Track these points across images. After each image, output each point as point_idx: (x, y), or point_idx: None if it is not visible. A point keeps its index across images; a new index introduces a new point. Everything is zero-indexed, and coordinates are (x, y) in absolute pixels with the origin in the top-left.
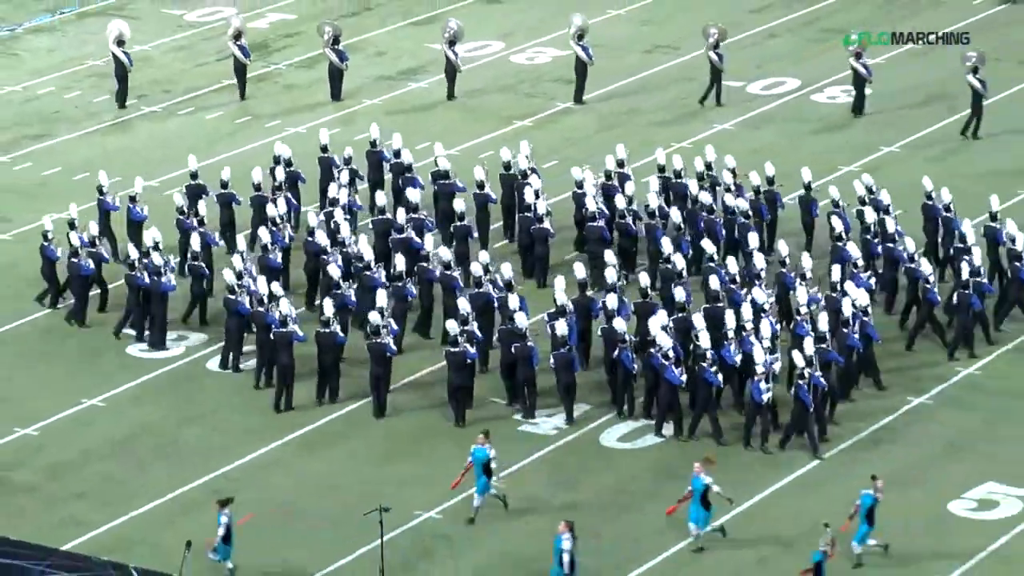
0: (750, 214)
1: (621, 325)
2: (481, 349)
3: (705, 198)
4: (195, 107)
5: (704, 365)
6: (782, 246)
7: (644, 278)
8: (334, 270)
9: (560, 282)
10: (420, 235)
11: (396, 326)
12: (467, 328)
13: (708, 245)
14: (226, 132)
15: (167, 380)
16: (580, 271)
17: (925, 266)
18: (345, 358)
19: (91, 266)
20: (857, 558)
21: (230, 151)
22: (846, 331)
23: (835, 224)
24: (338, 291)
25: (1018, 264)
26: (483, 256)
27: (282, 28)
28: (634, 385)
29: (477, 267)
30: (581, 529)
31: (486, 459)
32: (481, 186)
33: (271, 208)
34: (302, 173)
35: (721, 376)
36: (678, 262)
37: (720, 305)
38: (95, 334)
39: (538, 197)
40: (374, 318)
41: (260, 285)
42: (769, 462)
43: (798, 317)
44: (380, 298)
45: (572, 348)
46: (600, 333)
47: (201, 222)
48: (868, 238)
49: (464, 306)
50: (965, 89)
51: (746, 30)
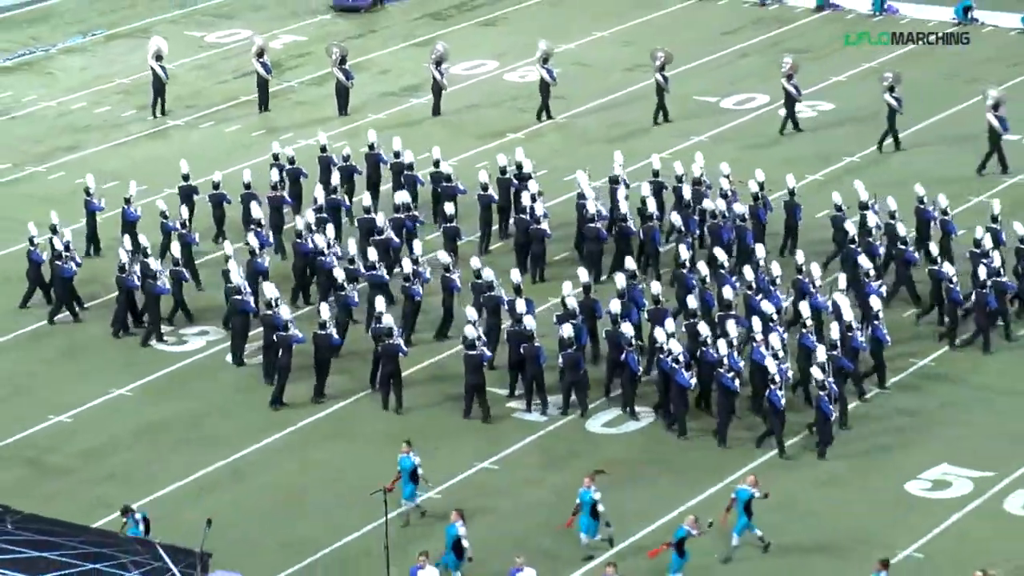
0: (746, 217)
1: (629, 329)
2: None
3: (708, 204)
4: (215, 120)
5: (722, 371)
6: (800, 255)
7: (656, 286)
8: (339, 273)
9: (568, 287)
10: (399, 235)
11: (398, 326)
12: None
13: (719, 253)
14: (243, 144)
15: (188, 372)
16: (583, 275)
17: (948, 267)
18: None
19: (73, 268)
20: (731, 550)
21: (247, 161)
22: (850, 335)
23: (848, 228)
24: (342, 292)
25: None
26: (474, 261)
27: (294, 49)
28: (638, 385)
29: (489, 272)
30: (568, 507)
31: (412, 467)
32: (485, 188)
33: (255, 209)
34: (304, 170)
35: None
36: (702, 268)
37: (732, 313)
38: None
39: (535, 200)
40: (387, 321)
41: (268, 290)
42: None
43: (804, 329)
44: (379, 304)
45: (578, 348)
46: (604, 336)
47: (184, 224)
48: (870, 240)
49: (472, 313)
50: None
51: (719, 51)
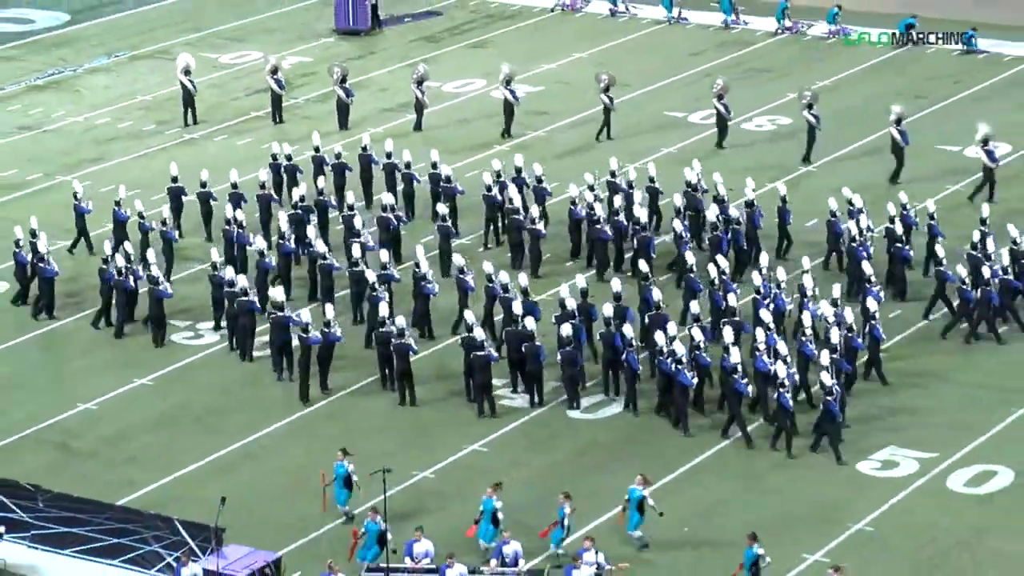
0: (741, 221)
1: (629, 331)
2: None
3: (711, 216)
4: (228, 134)
5: (736, 377)
6: (805, 261)
7: (656, 293)
8: (371, 275)
9: (565, 289)
10: (387, 233)
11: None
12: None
13: (721, 260)
14: (253, 155)
15: (205, 363)
16: (581, 281)
17: (960, 269)
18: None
19: (55, 269)
20: (638, 540)
21: (256, 170)
22: (851, 335)
23: (851, 228)
24: (374, 292)
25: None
26: (486, 266)
27: (300, 69)
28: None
29: (505, 276)
30: (550, 486)
31: (345, 474)
32: (489, 189)
33: (228, 209)
34: (299, 167)
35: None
36: (712, 271)
37: (737, 319)
38: (141, 328)
39: (543, 202)
40: (400, 322)
41: (276, 293)
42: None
43: (803, 337)
44: (383, 308)
45: (576, 347)
46: (599, 337)
47: (164, 222)
48: (863, 242)
49: (471, 316)
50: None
51: (687, 70)
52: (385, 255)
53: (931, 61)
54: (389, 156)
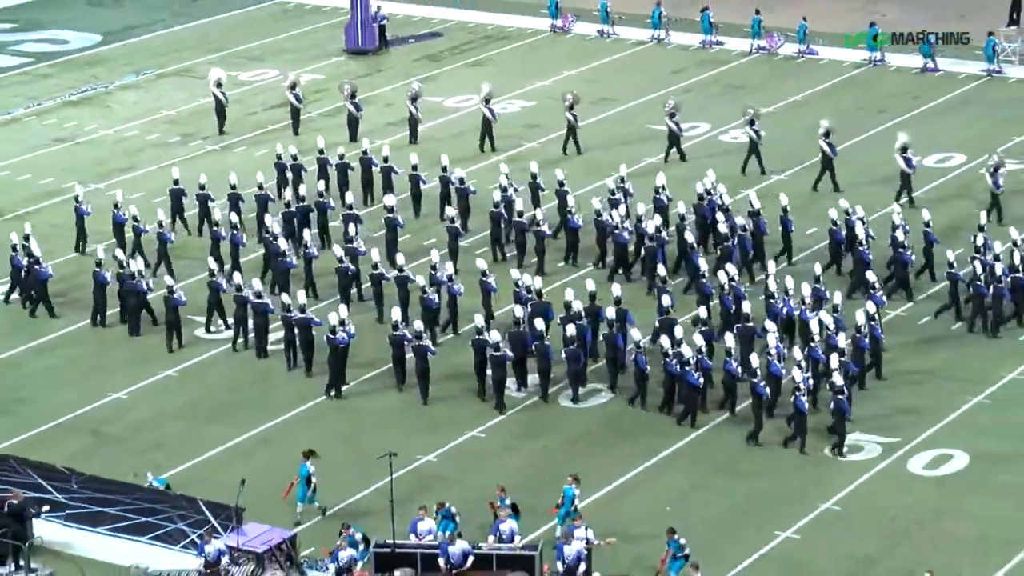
0: (747, 227)
1: (636, 333)
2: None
3: (723, 228)
4: (247, 145)
5: (756, 381)
6: (817, 267)
7: (666, 299)
8: (422, 279)
9: (570, 292)
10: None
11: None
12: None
13: (731, 268)
14: (269, 164)
15: (225, 357)
16: (590, 285)
17: (978, 267)
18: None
19: (49, 272)
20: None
21: (272, 178)
22: (858, 336)
23: (858, 233)
24: (424, 295)
25: None
26: (514, 272)
27: (313, 86)
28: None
29: (528, 278)
30: (542, 468)
31: (307, 474)
32: (504, 189)
33: (217, 212)
34: (305, 166)
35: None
36: (721, 277)
37: (751, 325)
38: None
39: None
40: (418, 325)
41: (301, 296)
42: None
43: (813, 343)
44: (395, 313)
45: (579, 346)
46: (602, 338)
47: (160, 224)
48: (862, 249)
49: (480, 320)
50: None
51: (668, 86)
52: (402, 258)
53: (892, 79)
54: (386, 160)
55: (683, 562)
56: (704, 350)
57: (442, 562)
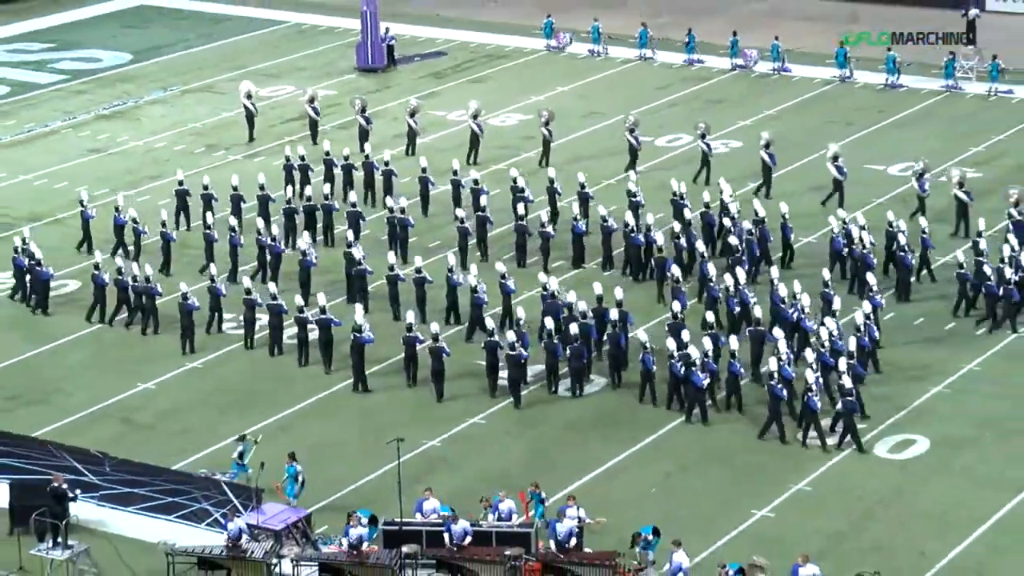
0: (752, 232)
1: (643, 335)
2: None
3: (733, 240)
4: (265, 155)
5: (772, 383)
6: (825, 272)
7: (676, 305)
8: (472, 280)
9: (573, 294)
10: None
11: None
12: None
13: (740, 273)
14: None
15: (240, 352)
16: (597, 288)
17: (987, 269)
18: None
19: (50, 272)
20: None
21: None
22: (857, 335)
23: (864, 238)
24: (475, 294)
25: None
26: (541, 276)
27: (326, 101)
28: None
29: (554, 282)
30: (539, 453)
31: (295, 473)
32: (521, 190)
33: (209, 217)
34: (312, 166)
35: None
36: (728, 280)
37: (761, 328)
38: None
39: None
40: (434, 328)
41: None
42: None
43: (822, 348)
44: (411, 316)
45: (583, 343)
46: (606, 337)
47: (164, 223)
48: (864, 252)
49: (490, 323)
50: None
51: (654, 101)
52: (420, 260)
53: (859, 94)
54: (387, 164)
55: (658, 540)
56: (711, 353)
57: (447, 538)
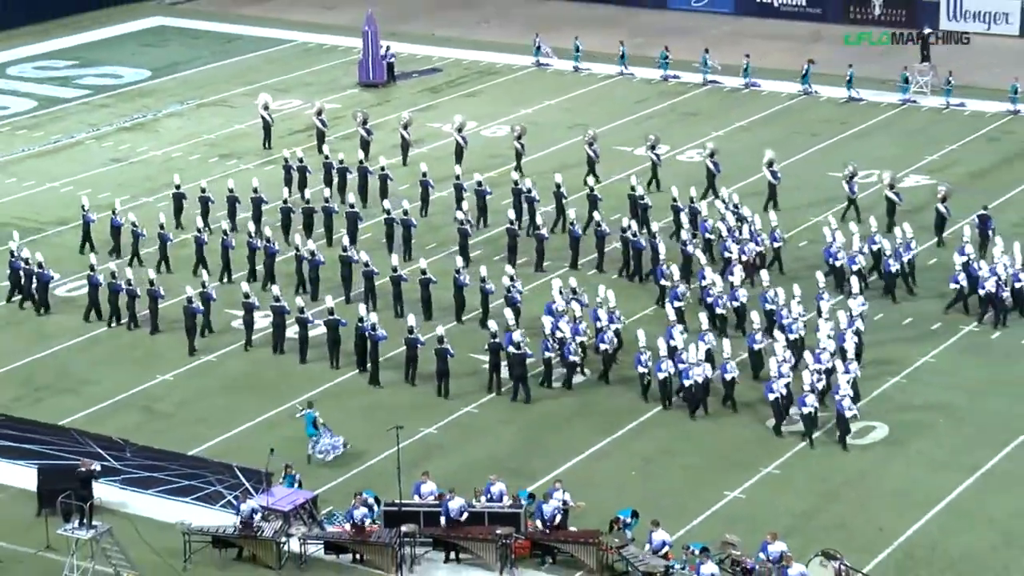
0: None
1: (642, 337)
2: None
3: (734, 249)
4: (274, 165)
5: (768, 383)
6: (819, 276)
7: (669, 309)
8: (506, 279)
9: (585, 297)
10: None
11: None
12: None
13: (735, 277)
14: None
15: (259, 343)
16: (602, 291)
17: (986, 270)
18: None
19: (51, 275)
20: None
21: (294, 192)
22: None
23: (855, 243)
24: (509, 293)
25: None
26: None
27: (331, 113)
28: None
29: (559, 283)
30: (529, 440)
31: (313, 419)
32: (528, 191)
33: (199, 220)
34: (309, 167)
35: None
36: (718, 282)
37: (756, 331)
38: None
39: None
40: (440, 331)
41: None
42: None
43: (818, 350)
44: (411, 319)
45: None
46: (597, 337)
47: (162, 226)
48: (851, 256)
49: (493, 325)
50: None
51: (633, 114)
52: (424, 262)
53: (823, 107)
54: (383, 169)
55: (636, 521)
56: (705, 354)
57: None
